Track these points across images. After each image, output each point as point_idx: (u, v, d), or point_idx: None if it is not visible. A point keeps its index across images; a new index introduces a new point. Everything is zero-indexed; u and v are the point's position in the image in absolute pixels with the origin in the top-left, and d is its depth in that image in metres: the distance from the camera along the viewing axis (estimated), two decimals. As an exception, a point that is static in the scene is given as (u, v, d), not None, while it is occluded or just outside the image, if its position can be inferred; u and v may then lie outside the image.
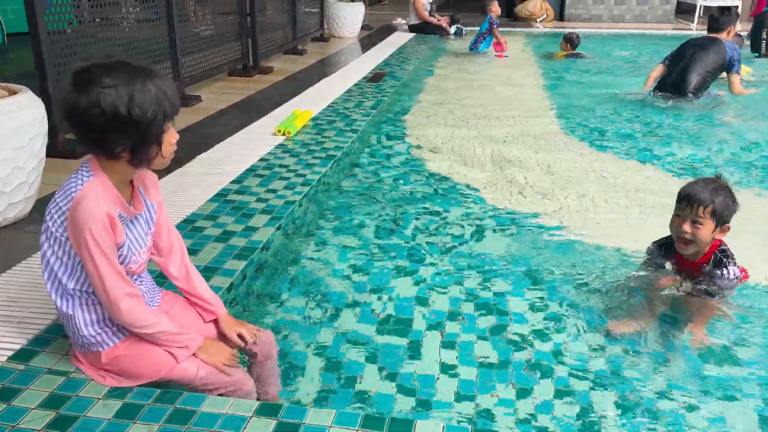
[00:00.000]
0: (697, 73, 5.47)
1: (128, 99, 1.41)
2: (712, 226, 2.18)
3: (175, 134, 1.55)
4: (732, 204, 2.21)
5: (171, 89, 1.50)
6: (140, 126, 1.43)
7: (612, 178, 3.77)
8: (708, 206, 2.16)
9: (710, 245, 2.27)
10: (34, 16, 3.38)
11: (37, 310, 1.95)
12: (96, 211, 1.47)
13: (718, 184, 2.22)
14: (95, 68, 1.44)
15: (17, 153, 2.49)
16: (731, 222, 2.23)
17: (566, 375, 2.00)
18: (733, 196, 2.22)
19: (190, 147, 3.76)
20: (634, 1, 12.66)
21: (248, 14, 6.53)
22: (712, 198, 2.16)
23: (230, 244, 2.48)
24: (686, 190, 2.22)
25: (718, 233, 2.23)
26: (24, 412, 1.52)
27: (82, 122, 1.44)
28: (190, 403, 1.57)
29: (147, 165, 1.53)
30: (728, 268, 2.23)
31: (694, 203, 2.17)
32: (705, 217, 2.16)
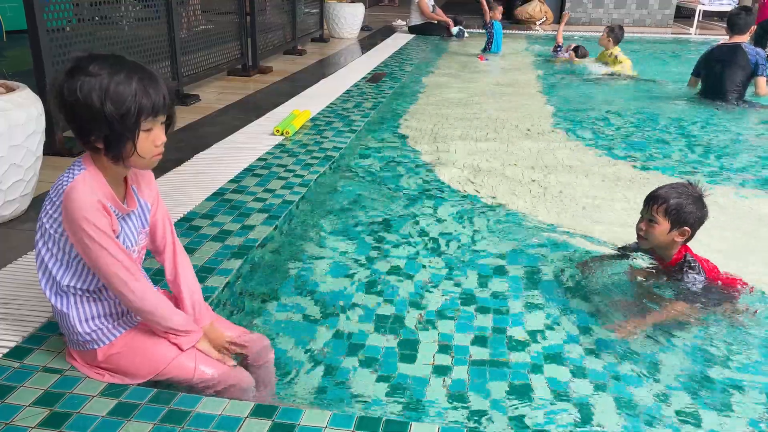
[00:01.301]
0: (730, 91, 5.63)
1: (104, 90, 1.41)
2: (666, 225, 2.23)
3: (161, 136, 1.52)
4: (694, 209, 2.23)
5: (156, 89, 1.47)
6: (112, 119, 1.42)
7: (615, 179, 3.77)
8: (661, 205, 2.22)
9: (672, 248, 2.31)
10: (33, 13, 3.37)
11: (33, 308, 1.94)
12: (88, 199, 1.46)
13: (683, 188, 2.26)
14: (88, 58, 1.45)
15: (14, 150, 2.48)
16: (698, 229, 2.28)
17: (562, 375, 2.00)
18: (699, 203, 2.24)
19: (189, 146, 3.76)
20: (633, 5, 12.69)
21: (248, 14, 6.54)
22: (668, 198, 2.22)
23: (227, 243, 2.48)
24: (650, 192, 2.31)
25: (677, 235, 2.25)
26: (18, 410, 1.52)
27: (64, 107, 1.45)
28: (185, 403, 1.57)
29: (124, 162, 1.50)
30: (688, 276, 2.28)
31: (650, 202, 2.27)
32: (658, 215, 2.23)
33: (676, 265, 2.33)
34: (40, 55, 3.42)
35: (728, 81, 5.60)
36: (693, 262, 2.31)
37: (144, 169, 1.62)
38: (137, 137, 1.47)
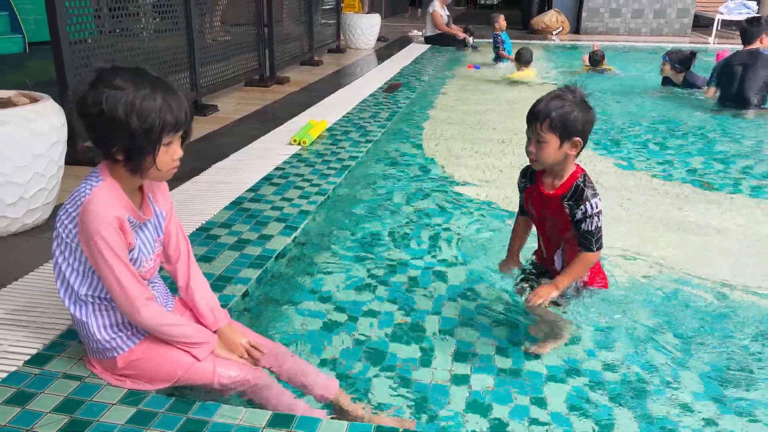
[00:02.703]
0: (754, 94, 5.63)
1: (130, 104, 1.42)
2: (556, 141, 1.96)
3: (179, 151, 1.55)
4: (579, 115, 1.95)
5: (179, 105, 1.49)
6: (136, 133, 1.44)
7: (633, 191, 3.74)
8: (544, 121, 1.95)
9: (566, 164, 2.03)
10: (56, 25, 3.43)
11: (54, 316, 1.97)
12: (105, 215, 1.48)
13: (563, 95, 1.98)
14: (112, 69, 1.47)
15: (37, 160, 2.52)
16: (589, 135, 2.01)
17: (581, 386, 1.98)
18: (582, 106, 1.96)
19: (207, 156, 3.79)
20: (651, 14, 12.64)
21: (265, 25, 6.60)
22: (549, 112, 1.94)
23: (245, 252, 2.49)
24: (530, 109, 2.03)
25: (569, 148, 1.98)
26: (39, 416, 1.53)
27: (86, 117, 1.47)
28: (202, 413, 1.57)
29: (142, 174, 1.52)
30: (590, 201, 1.99)
31: (532, 120, 1.99)
32: (545, 133, 1.96)
33: (570, 189, 2.02)
34: (62, 67, 3.48)
35: (751, 83, 5.60)
36: (589, 181, 2.03)
37: (159, 180, 1.64)
38: (158, 151, 1.49)
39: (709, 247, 3.04)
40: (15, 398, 1.59)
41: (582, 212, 2.00)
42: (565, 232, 2.10)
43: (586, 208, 1.99)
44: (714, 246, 3.04)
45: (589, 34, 12.59)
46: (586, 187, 2.00)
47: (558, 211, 2.06)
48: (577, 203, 2.01)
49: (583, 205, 2.00)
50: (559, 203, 2.05)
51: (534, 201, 2.16)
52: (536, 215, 2.19)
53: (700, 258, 2.89)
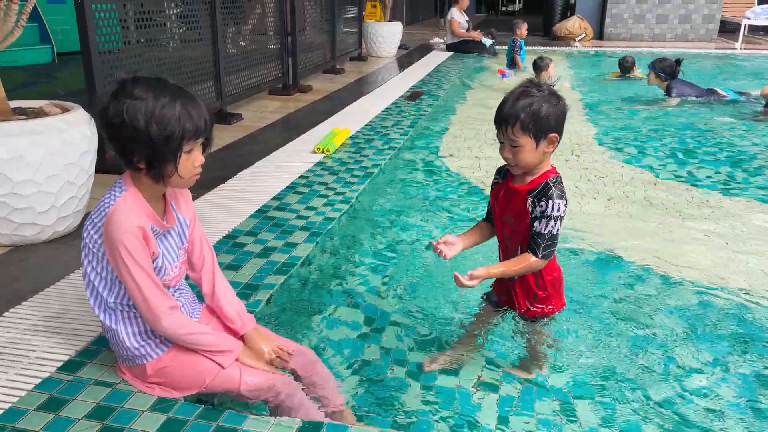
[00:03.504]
0: None
1: (149, 113, 1.45)
2: (531, 142, 1.82)
3: (200, 158, 1.57)
4: (550, 109, 1.81)
5: (198, 112, 1.51)
6: (156, 141, 1.46)
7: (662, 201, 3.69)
8: (515, 124, 1.81)
9: (544, 162, 1.91)
10: (86, 36, 3.50)
11: (85, 322, 2.00)
12: (128, 225, 1.50)
13: (529, 92, 1.83)
14: (133, 80, 1.49)
15: (68, 168, 2.57)
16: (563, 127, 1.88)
17: (606, 398, 1.96)
18: (551, 99, 1.83)
19: (232, 164, 3.83)
20: (676, 19, 12.51)
21: (289, 34, 6.66)
22: (518, 113, 1.80)
23: (270, 259, 2.51)
24: (496, 111, 1.89)
25: (546, 146, 1.85)
26: (71, 423, 1.55)
27: (108, 127, 1.49)
28: (232, 421, 1.58)
29: (164, 182, 1.55)
30: (553, 200, 1.85)
31: (502, 125, 1.85)
32: (518, 136, 1.82)
33: (538, 186, 1.90)
34: (92, 76, 3.55)
35: None
36: (560, 182, 1.91)
37: (182, 188, 1.67)
38: (179, 159, 1.51)
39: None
40: (48, 404, 1.61)
41: (541, 209, 1.86)
42: (524, 235, 1.94)
43: (547, 206, 1.85)
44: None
45: (613, 41, 12.49)
46: (554, 187, 1.87)
47: (520, 208, 1.92)
48: (539, 198, 1.87)
49: (544, 202, 1.85)
50: (523, 198, 1.91)
51: (500, 197, 2.01)
52: (498, 215, 2.02)
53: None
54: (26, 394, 1.65)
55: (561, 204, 1.86)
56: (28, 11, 2.64)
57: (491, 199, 2.08)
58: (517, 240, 1.96)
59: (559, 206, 1.85)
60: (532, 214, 1.89)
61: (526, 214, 1.89)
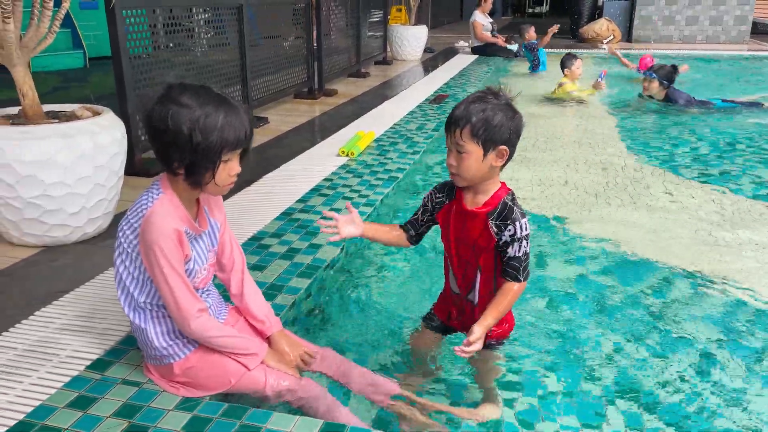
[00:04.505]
0: None
1: (194, 121, 1.47)
2: (478, 150, 1.69)
3: (237, 167, 1.59)
4: (504, 120, 1.69)
5: (240, 123, 1.53)
6: (198, 149, 1.48)
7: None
8: (464, 127, 1.68)
9: (491, 179, 1.78)
10: (117, 41, 3.57)
11: (114, 322, 2.03)
12: (165, 228, 1.52)
13: (484, 98, 1.72)
14: (179, 86, 1.52)
15: (99, 171, 2.62)
16: (516, 144, 1.77)
17: (634, 407, 1.92)
18: (507, 111, 1.71)
19: (258, 167, 3.87)
20: (706, 21, 12.29)
21: (315, 39, 6.71)
22: (469, 117, 1.68)
23: (295, 261, 2.52)
24: (449, 115, 1.77)
25: (494, 159, 1.72)
26: (99, 420, 1.58)
27: (152, 131, 1.52)
28: (256, 419, 1.59)
29: (201, 188, 1.57)
30: (519, 221, 1.74)
31: (451, 127, 1.72)
32: (466, 141, 1.69)
33: (497, 207, 1.77)
34: (122, 80, 3.62)
35: None
36: (517, 201, 1.80)
37: (216, 195, 1.69)
38: (218, 167, 1.53)
39: None
40: (76, 402, 1.64)
41: (510, 234, 1.74)
42: (485, 260, 1.82)
43: (515, 229, 1.73)
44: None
45: (642, 43, 12.32)
46: (515, 206, 1.77)
47: (480, 232, 1.79)
48: (504, 223, 1.75)
49: (512, 226, 1.74)
50: (483, 222, 1.78)
51: (452, 220, 1.85)
52: (452, 238, 1.87)
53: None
54: (56, 391, 1.69)
55: (526, 222, 1.76)
56: (61, 17, 2.70)
57: (441, 223, 1.91)
58: (476, 262, 1.85)
59: (525, 225, 1.76)
60: (499, 239, 1.76)
61: (491, 238, 1.77)
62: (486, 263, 1.83)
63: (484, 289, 1.87)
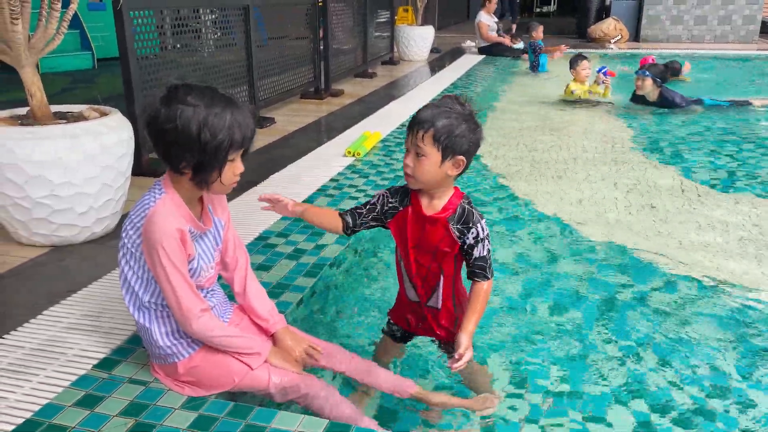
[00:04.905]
0: None
1: (202, 120, 1.47)
2: (437, 156, 1.70)
3: (241, 167, 1.60)
4: (466, 131, 1.71)
5: (246, 123, 1.54)
6: (206, 148, 1.48)
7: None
8: (428, 130, 1.69)
9: (445, 187, 1.78)
10: (125, 42, 3.59)
11: (121, 322, 2.04)
12: (167, 227, 1.53)
13: (451, 106, 1.74)
14: (185, 87, 1.52)
15: (106, 171, 2.63)
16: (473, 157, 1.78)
17: (643, 408, 1.92)
18: (471, 123, 1.73)
19: (264, 167, 3.88)
20: (715, 20, 12.23)
21: (321, 39, 6.72)
22: (434, 121, 1.69)
23: (301, 261, 2.53)
24: (412, 116, 1.78)
25: (450, 167, 1.72)
26: (106, 419, 1.59)
27: (158, 132, 1.52)
28: (261, 418, 1.60)
29: (206, 187, 1.58)
30: (480, 223, 1.77)
31: (414, 128, 1.73)
32: (426, 145, 1.69)
33: (456, 212, 1.78)
34: (130, 81, 3.64)
35: None
36: (473, 205, 1.81)
37: (221, 194, 1.70)
38: (224, 166, 1.54)
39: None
40: (84, 401, 1.65)
41: (474, 236, 1.76)
42: (447, 264, 1.83)
43: (478, 230, 1.76)
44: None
45: (650, 42, 12.27)
46: (473, 209, 1.79)
47: (441, 238, 1.79)
48: (467, 227, 1.77)
49: (474, 228, 1.76)
50: (444, 227, 1.78)
51: (410, 227, 1.83)
52: (410, 245, 1.85)
53: None
54: (63, 390, 1.70)
55: (484, 223, 1.79)
56: (69, 18, 2.71)
57: (394, 229, 1.89)
58: (439, 267, 1.85)
59: (484, 226, 1.79)
60: (463, 242, 1.78)
61: (454, 243, 1.78)
62: (448, 268, 1.84)
63: (446, 293, 1.88)
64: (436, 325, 1.92)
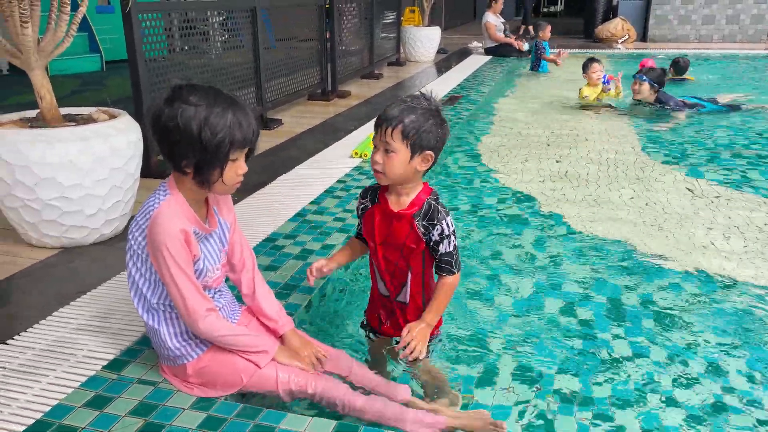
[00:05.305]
0: None
1: (203, 119, 1.49)
2: (406, 152, 1.73)
3: (244, 167, 1.61)
4: (433, 127, 1.74)
5: (248, 123, 1.55)
6: (207, 147, 1.50)
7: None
8: (396, 126, 1.71)
9: (414, 182, 1.82)
10: (134, 45, 3.61)
11: (130, 323, 2.05)
12: (171, 228, 1.54)
13: (417, 102, 1.76)
14: (188, 87, 1.54)
15: (115, 173, 2.65)
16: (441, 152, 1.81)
17: (653, 408, 1.91)
18: (437, 118, 1.76)
19: (272, 169, 3.89)
20: (723, 20, 12.16)
21: (328, 40, 6.73)
22: (402, 117, 1.71)
23: (309, 262, 2.53)
24: (380, 113, 1.81)
25: (419, 162, 1.76)
26: (116, 419, 1.60)
27: (161, 131, 1.54)
28: (270, 419, 1.60)
29: (209, 187, 1.59)
30: (445, 220, 1.81)
31: (382, 124, 1.75)
32: (395, 141, 1.72)
33: (422, 208, 1.82)
34: (138, 83, 3.66)
35: None
36: (440, 201, 1.84)
37: (224, 194, 1.71)
38: (225, 166, 1.55)
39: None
40: (93, 402, 1.67)
41: (439, 233, 1.80)
42: (414, 260, 1.87)
43: (443, 227, 1.80)
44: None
45: (657, 42, 12.22)
46: (439, 206, 1.82)
47: (407, 234, 1.83)
48: (431, 223, 1.80)
49: (439, 225, 1.80)
50: (409, 223, 1.82)
51: (377, 223, 1.88)
52: (377, 242, 1.89)
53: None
54: (73, 391, 1.71)
55: (450, 219, 1.83)
56: (78, 21, 2.73)
57: (364, 227, 1.95)
58: (406, 263, 1.88)
59: (450, 222, 1.83)
60: (429, 241, 1.82)
61: (419, 239, 1.82)
62: (415, 264, 1.88)
63: (415, 288, 1.93)
64: (403, 321, 1.95)
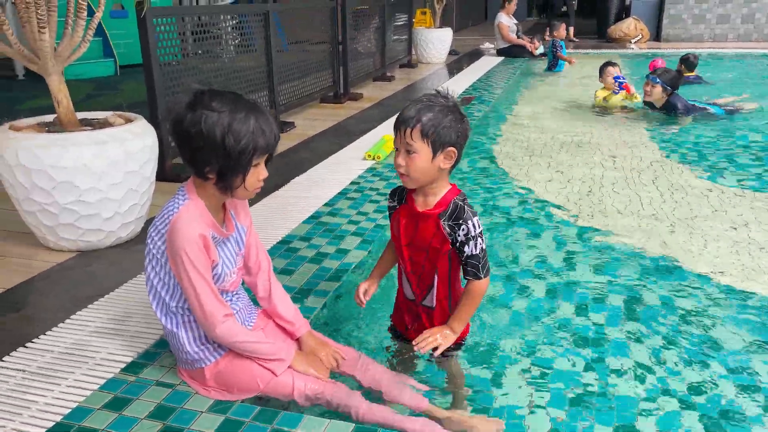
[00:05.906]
0: None
1: (226, 126, 1.49)
2: (428, 151, 1.71)
3: (265, 172, 1.61)
4: (453, 122, 1.72)
5: (270, 129, 1.56)
6: (230, 153, 1.50)
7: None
8: (415, 127, 1.69)
9: (441, 182, 1.79)
10: (148, 49, 3.64)
11: (147, 326, 2.07)
12: (191, 233, 1.55)
13: (433, 100, 1.74)
14: (209, 93, 1.54)
15: (131, 177, 2.67)
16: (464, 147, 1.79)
17: (668, 412, 1.89)
18: (455, 113, 1.73)
19: (285, 171, 3.90)
20: (738, 19, 12.04)
21: (340, 43, 6.75)
22: (420, 117, 1.69)
23: (323, 265, 2.54)
24: (397, 116, 1.78)
25: (442, 160, 1.73)
26: (134, 422, 1.60)
27: (183, 136, 1.54)
28: (287, 423, 1.60)
29: (230, 192, 1.59)
30: (471, 220, 1.76)
31: (401, 127, 1.73)
32: (415, 141, 1.70)
33: (447, 208, 1.78)
34: (153, 87, 3.68)
35: None
36: (467, 202, 1.80)
37: (244, 199, 1.71)
38: (248, 172, 1.55)
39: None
40: (112, 404, 1.68)
41: (464, 233, 1.76)
42: (440, 261, 1.83)
43: (468, 227, 1.75)
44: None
45: (671, 42, 12.12)
46: (465, 206, 1.78)
47: (433, 234, 1.80)
48: (457, 223, 1.76)
49: (465, 225, 1.75)
50: (435, 223, 1.79)
51: (403, 224, 1.86)
52: (403, 243, 1.87)
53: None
54: (92, 393, 1.72)
55: (477, 220, 1.79)
56: (94, 26, 2.75)
57: (392, 228, 1.93)
58: (433, 266, 1.85)
59: (477, 223, 1.78)
60: (455, 242, 1.78)
61: (444, 240, 1.79)
62: (442, 267, 1.84)
63: (441, 292, 1.89)
64: (429, 325, 1.92)
